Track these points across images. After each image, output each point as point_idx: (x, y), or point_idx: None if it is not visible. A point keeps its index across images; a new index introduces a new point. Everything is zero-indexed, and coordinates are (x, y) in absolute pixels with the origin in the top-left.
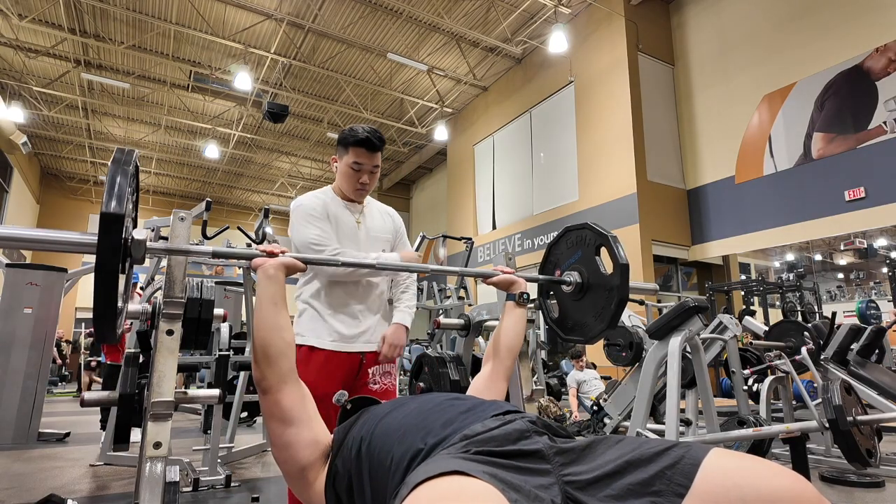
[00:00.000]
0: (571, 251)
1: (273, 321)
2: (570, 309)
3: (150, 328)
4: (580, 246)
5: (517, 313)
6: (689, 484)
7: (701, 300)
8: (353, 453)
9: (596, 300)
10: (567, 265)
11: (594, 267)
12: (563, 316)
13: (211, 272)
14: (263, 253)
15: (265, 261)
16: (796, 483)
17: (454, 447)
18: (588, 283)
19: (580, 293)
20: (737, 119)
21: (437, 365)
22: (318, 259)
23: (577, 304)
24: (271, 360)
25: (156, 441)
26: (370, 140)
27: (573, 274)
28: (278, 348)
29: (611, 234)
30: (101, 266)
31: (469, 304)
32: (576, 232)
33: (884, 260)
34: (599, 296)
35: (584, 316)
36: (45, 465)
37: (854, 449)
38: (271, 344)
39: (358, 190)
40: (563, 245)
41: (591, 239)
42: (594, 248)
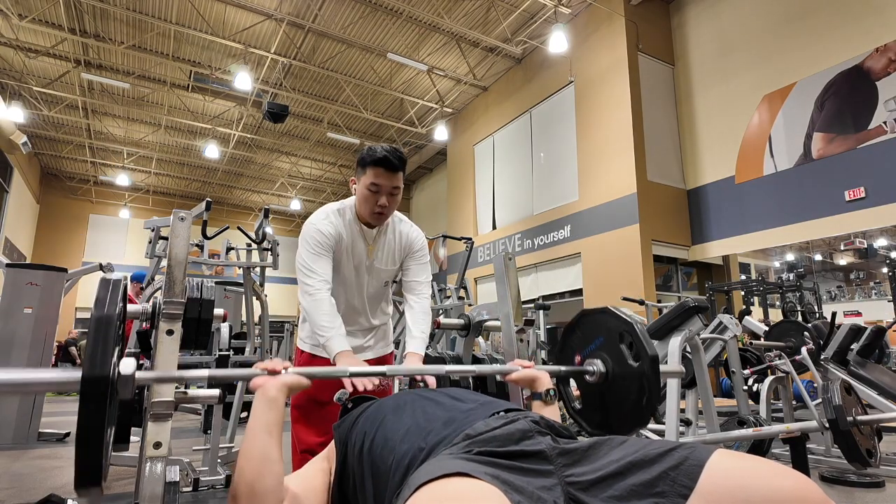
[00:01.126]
0: (591, 336)
1: (265, 452)
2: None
3: (150, 328)
4: (601, 332)
5: (548, 412)
6: (693, 485)
7: (701, 300)
8: (356, 450)
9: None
10: (587, 352)
11: (619, 355)
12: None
13: (211, 272)
14: (264, 371)
15: (266, 381)
16: (801, 484)
17: (456, 447)
18: (613, 372)
19: (605, 383)
20: (737, 119)
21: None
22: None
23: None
24: (257, 498)
25: (156, 441)
26: (388, 159)
27: (596, 362)
28: (266, 485)
29: (636, 322)
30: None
31: (469, 304)
32: (595, 316)
33: (884, 260)
34: (627, 387)
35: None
36: (45, 465)
37: (854, 449)
38: (261, 479)
39: (376, 213)
40: (582, 329)
41: (613, 325)
42: (617, 335)
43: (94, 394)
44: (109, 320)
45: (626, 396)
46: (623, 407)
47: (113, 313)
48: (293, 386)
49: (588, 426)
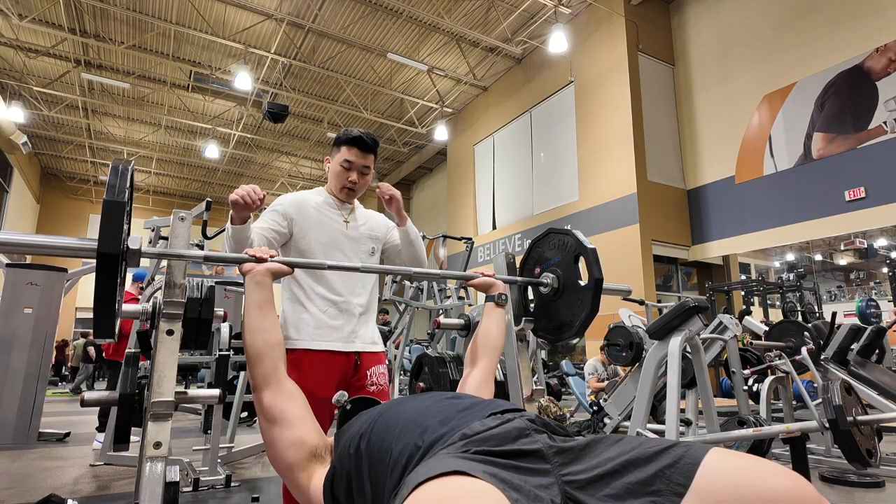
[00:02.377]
0: (553, 253)
1: (258, 324)
2: (544, 309)
3: (150, 328)
4: (561, 250)
5: (497, 313)
6: (689, 483)
7: (701, 300)
8: (351, 451)
9: (569, 306)
10: (546, 266)
11: (572, 273)
12: (537, 315)
13: (211, 272)
14: (253, 258)
15: (253, 266)
16: (796, 483)
17: (453, 446)
18: (564, 287)
19: (556, 296)
20: (737, 119)
21: (437, 365)
22: (305, 263)
23: (551, 306)
24: (254, 361)
25: (156, 441)
26: (362, 139)
27: (550, 276)
28: (259, 350)
29: (590, 245)
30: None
31: (469, 305)
32: (559, 236)
33: (884, 260)
34: (572, 303)
35: (556, 319)
36: (45, 465)
37: (854, 449)
38: (253, 345)
39: (345, 189)
40: (546, 246)
41: (572, 246)
42: (574, 255)
43: (108, 259)
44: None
45: (571, 309)
46: (567, 318)
47: (123, 198)
48: (276, 272)
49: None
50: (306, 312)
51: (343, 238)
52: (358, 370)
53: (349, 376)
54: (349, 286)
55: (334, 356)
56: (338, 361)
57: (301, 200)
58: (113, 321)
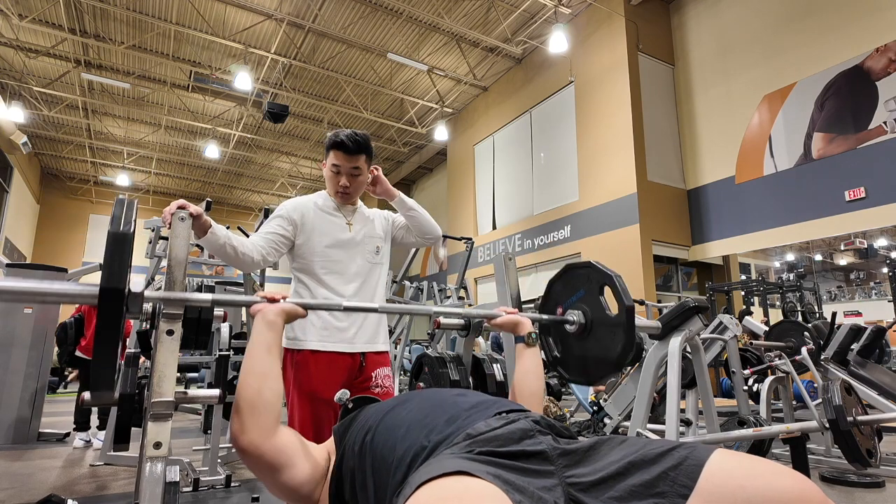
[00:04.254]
0: (574, 289)
1: (264, 368)
2: (574, 349)
3: (150, 328)
4: (583, 284)
5: (529, 354)
6: (693, 485)
7: (701, 300)
8: (355, 448)
9: (601, 341)
10: (569, 303)
11: (598, 306)
12: (567, 356)
13: (211, 272)
14: (264, 299)
15: (265, 306)
16: (801, 484)
17: (457, 446)
18: (592, 323)
19: (584, 333)
20: (737, 119)
21: (437, 365)
22: (320, 304)
23: (580, 345)
24: (257, 412)
25: (156, 441)
26: (345, 143)
27: (576, 313)
28: (266, 400)
29: (615, 273)
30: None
31: (469, 304)
32: (578, 270)
33: (884, 260)
34: (605, 337)
35: (587, 357)
36: (45, 465)
37: (854, 449)
38: (260, 394)
39: (339, 193)
40: (565, 282)
41: (594, 277)
42: (598, 286)
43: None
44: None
45: (603, 345)
46: (600, 355)
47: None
48: (290, 313)
49: (567, 373)
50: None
51: (347, 240)
52: (363, 371)
53: (354, 377)
54: (353, 289)
55: (340, 357)
56: (343, 363)
57: (304, 205)
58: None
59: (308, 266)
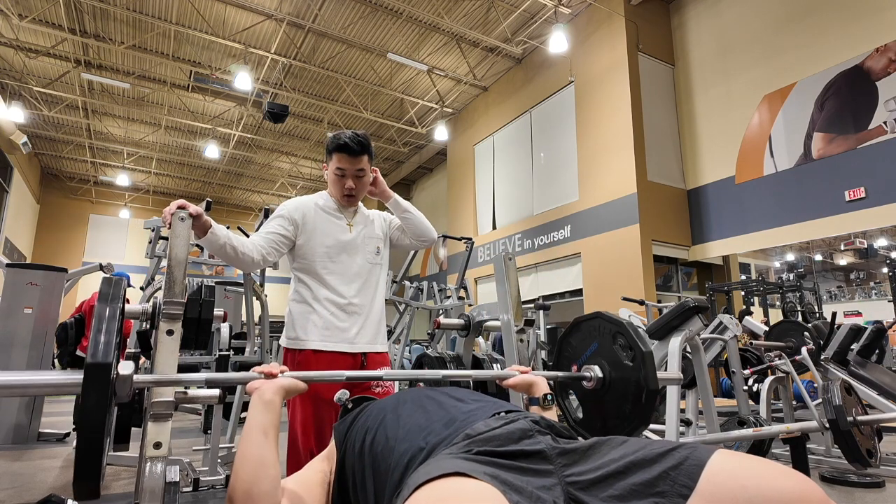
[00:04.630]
0: (586, 343)
1: (261, 455)
2: (595, 406)
3: (150, 328)
4: (595, 337)
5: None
6: (694, 485)
7: (701, 300)
8: (356, 448)
9: (623, 394)
10: (584, 359)
11: (615, 358)
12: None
13: (211, 272)
14: (261, 375)
15: (262, 383)
16: (802, 484)
17: (456, 447)
18: (611, 376)
19: (603, 388)
20: (737, 119)
21: (437, 365)
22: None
23: (601, 401)
24: (252, 502)
25: (156, 441)
26: (349, 145)
27: (594, 368)
28: (262, 489)
29: (626, 321)
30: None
31: (469, 304)
32: (588, 323)
33: (884, 260)
34: (626, 389)
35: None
36: (45, 465)
37: (854, 449)
38: (255, 483)
39: (345, 196)
40: (576, 338)
41: (605, 329)
42: (611, 337)
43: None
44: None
45: (625, 396)
46: (624, 408)
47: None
48: (290, 389)
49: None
50: (314, 313)
51: (348, 241)
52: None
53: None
54: (354, 289)
55: (341, 357)
56: (345, 363)
57: (305, 205)
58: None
59: (309, 266)
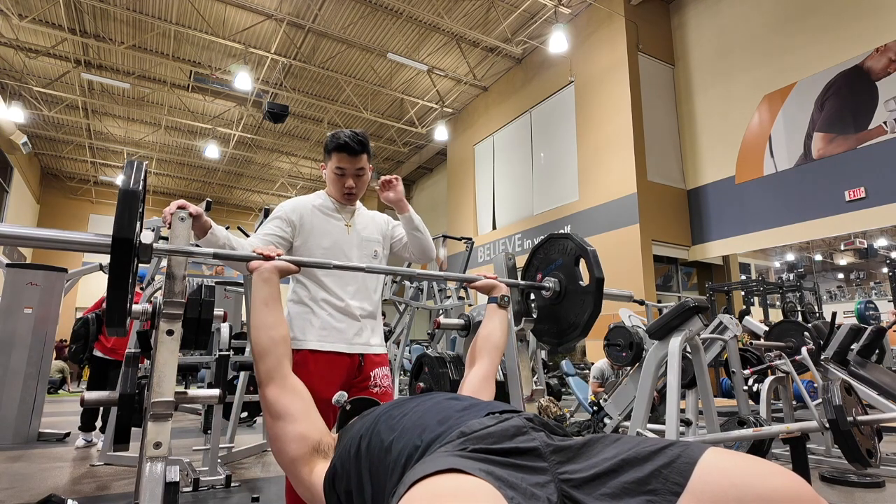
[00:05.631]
0: (553, 258)
1: (263, 320)
2: (548, 313)
3: (150, 328)
4: (562, 254)
5: (499, 314)
6: (685, 482)
7: (701, 300)
8: (351, 452)
9: (572, 308)
10: (548, 271)
11: (573, 276)
12: (540, 319)
13: (211, 272)
14: (260, 255)
15: (261, 264)
16: (793, 482)
17: (451, 444)
18: (566, 290)
19: (558, 299)
20: (737, 119)
21: (437, 365)
22: (311, 262)
23: (554, 310)
24: (259, 357)
25: (156, 441)
26: (349, 144)
27: (552, 280)
28: (265, 346)
29: (590, 247)
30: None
31: (469, 305)
32: (559, 241)
33: (884, 260)
34: (575, 304)
35: (559, 322)
36: (45, 465)
37: (854, 449)
38: (259, 342)
39: (346, 195)
40: (546, 251)
41: (572, 249)
42: (574, 258)
43: (122, 250)
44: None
45: (574, 311)
46: (571, 320)
47: (138, 189)
48: (283, 270)
49: (541, 336)
50: (312, 314)
51: (345, 242)
52: (361, 371)
53: (353, 377)
54: (351, 291)
55: (339, 357)
56: (342, 363)
57: (302, 206)
58: (125, 307)
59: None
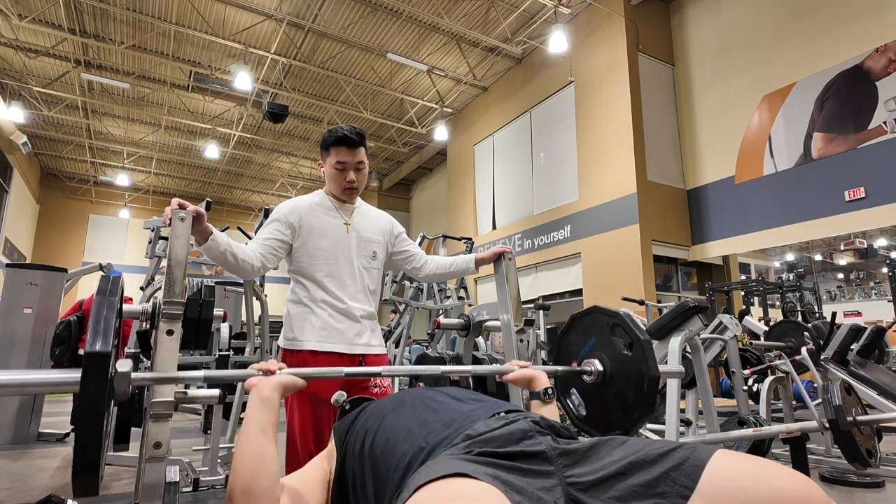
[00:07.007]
0: (584, 338)
1: (260, 452)
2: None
3: (150, 328)
4: (593, 330)
5: (546, 411)
6: (694, 485)
7: (701, 300)
8: (356, 449)
9: (625, 386)
10: (583, 354)
11: (614, 350)
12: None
13: (211, 272)
14: (259, 372)
15: (261, 380)
16: (803, 484)
17: (457, 447)
18: (611, 369)
19: (604, 381)
20: (737, 119)
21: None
22: (320, 374)
23: (603, 394)
24: (252, 498)
25: (156, 441)
26: (348, 137)
27: (593, 362)
28: (261, 486)
29: (623, 311)
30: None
31: (469, 305)
32: (584, 318)
33: (884, 260)
34: (628, 380)
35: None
36: (45, 465)
37: (854, 449)
38: (254, 480)
39: (347, 189)
40: (574, 334)
41: (603, 321)
42: (609, 329)
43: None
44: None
45: (626, 387)
46: (626, 399)
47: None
48: (288, 386)
49: (595, 430)
50: (312, 315)
51: (345, 242)
52: None
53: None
54: (351, 293)
55: (339, 358)
56: (342, 363)
57: (301, 206)
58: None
59: (305, 268)
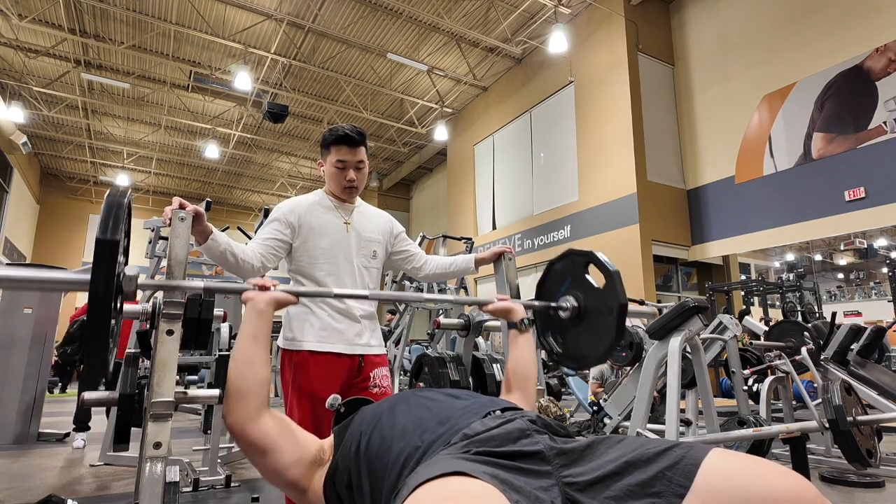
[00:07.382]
0: (560, 281)
1: (249, 356)
2: (574, 336)
3: (150, 328)
4: (567, 272)
5: (522, 340)
6: (689, 484)
7: (701, 300)
8: (352, 450)
9: (598, 317)
10: (560, 294)
11: (587, 286)
12: (568, 346)
13: (211, 272)
14: (255, 287)
15: (256, 295)
16: (798, 483)
17: (454, 446)
18: (585, 304)
19: (579, 316)
20: (737, 119)
21: (437, 365)
22: (311, 291)
23: (579, 329)
24: (237, 396)
25: (156, 441)
26: (349, 136)
27: (568, 299)
28: (248, 385)
29: (591, 251)
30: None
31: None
32: (559, 262)
33: (884, 260)
34: (600, 312)
35: (589, 337)
36: (45, 465)
37: (854, 449)
38: (241, 379)
39: (347, 188)
40: (551, 279)
41: (578, 261)
42: (581, 267)
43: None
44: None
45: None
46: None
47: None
48: (281, 301)
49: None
50: (312, 315)
51: (344, 241)
52: (361, 372)
53: (353, 378)
54: (350, 291)
55: (339, 358)
56: (342, 363)
57: (300, 206)
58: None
59: (304, 268)
